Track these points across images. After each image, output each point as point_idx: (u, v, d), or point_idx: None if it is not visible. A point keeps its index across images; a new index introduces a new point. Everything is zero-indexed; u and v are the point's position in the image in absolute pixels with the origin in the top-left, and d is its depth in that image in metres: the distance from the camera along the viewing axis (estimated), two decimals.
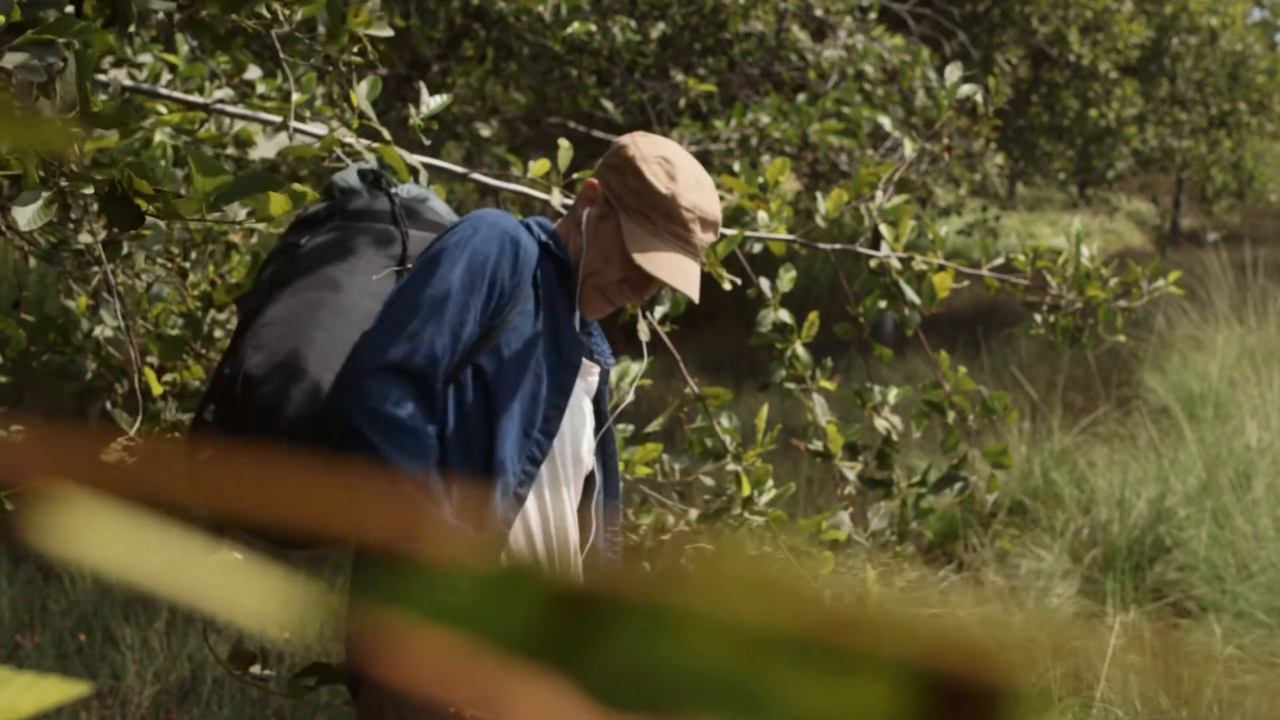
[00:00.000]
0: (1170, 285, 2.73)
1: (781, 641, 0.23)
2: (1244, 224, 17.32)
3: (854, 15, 6.41)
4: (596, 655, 0.24)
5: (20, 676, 0.36)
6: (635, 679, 0.24)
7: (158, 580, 1.02)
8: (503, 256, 1.63)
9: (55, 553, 0.29)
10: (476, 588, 0.25)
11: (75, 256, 2.37)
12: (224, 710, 3.56)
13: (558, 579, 0.24)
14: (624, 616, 0.24)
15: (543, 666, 0.24)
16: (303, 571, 2.34)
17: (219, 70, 2.74)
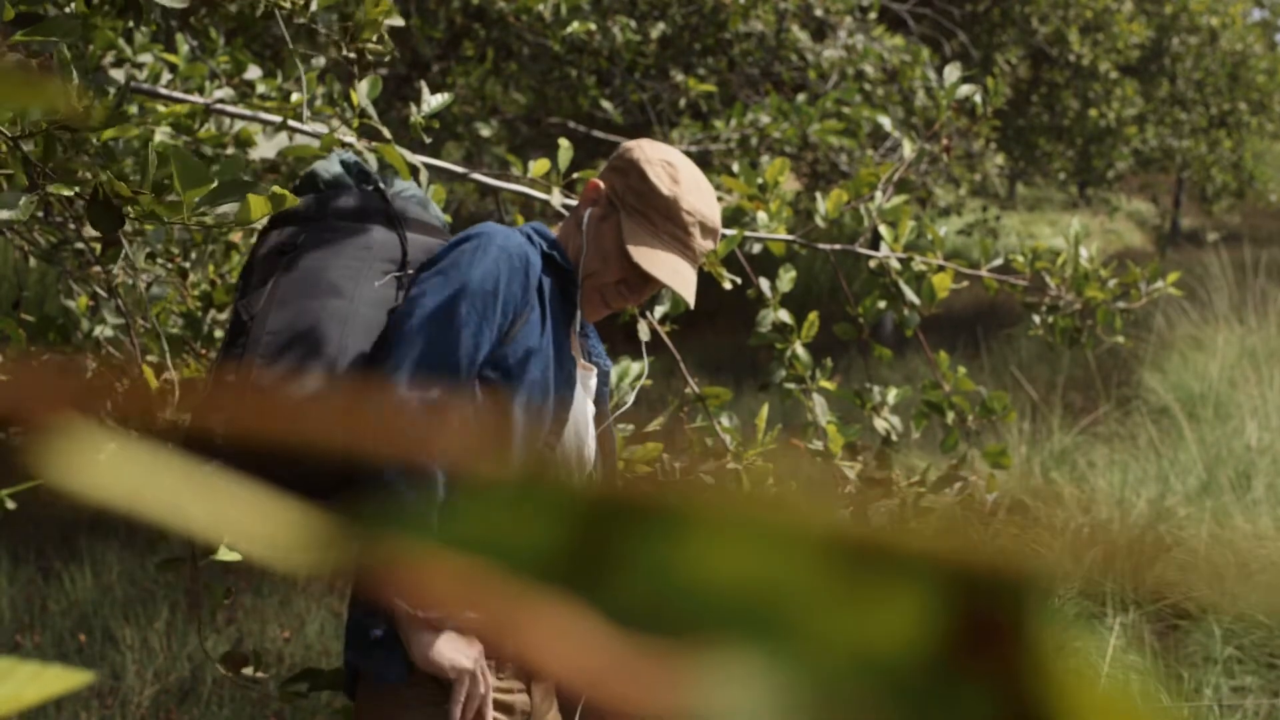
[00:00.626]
0: (1169, 286, 2.73)
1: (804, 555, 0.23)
2: (1244, 224, 17.32)
3: (854, 15, 6.41)
4: (615, 577, 0.24)
5: (24, 666, 0.36)
6: (655, 601, 0.24)
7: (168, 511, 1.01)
8: (514, 277, 1.63)
9: (64, 486, 0.29)
10: (490, 512, 0.24)
11: (75, 256, 2.37)
12: (224, 710, 3.56)
13: (572, 493, 0.24)
14: (642, 533, 0.24)
15: (558, 590, 0.24)
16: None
17: (219, 70, 2.74)
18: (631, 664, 0.24)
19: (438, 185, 2.26)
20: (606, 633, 0.24)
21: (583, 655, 0.24)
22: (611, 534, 0.24)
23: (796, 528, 0.23)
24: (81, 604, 4.22)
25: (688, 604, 0.23)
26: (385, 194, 1.77)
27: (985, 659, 0.23)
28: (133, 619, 4.08)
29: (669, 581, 0.24)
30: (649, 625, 0.24)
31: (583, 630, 0.24)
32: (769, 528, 0.23)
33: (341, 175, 1.77)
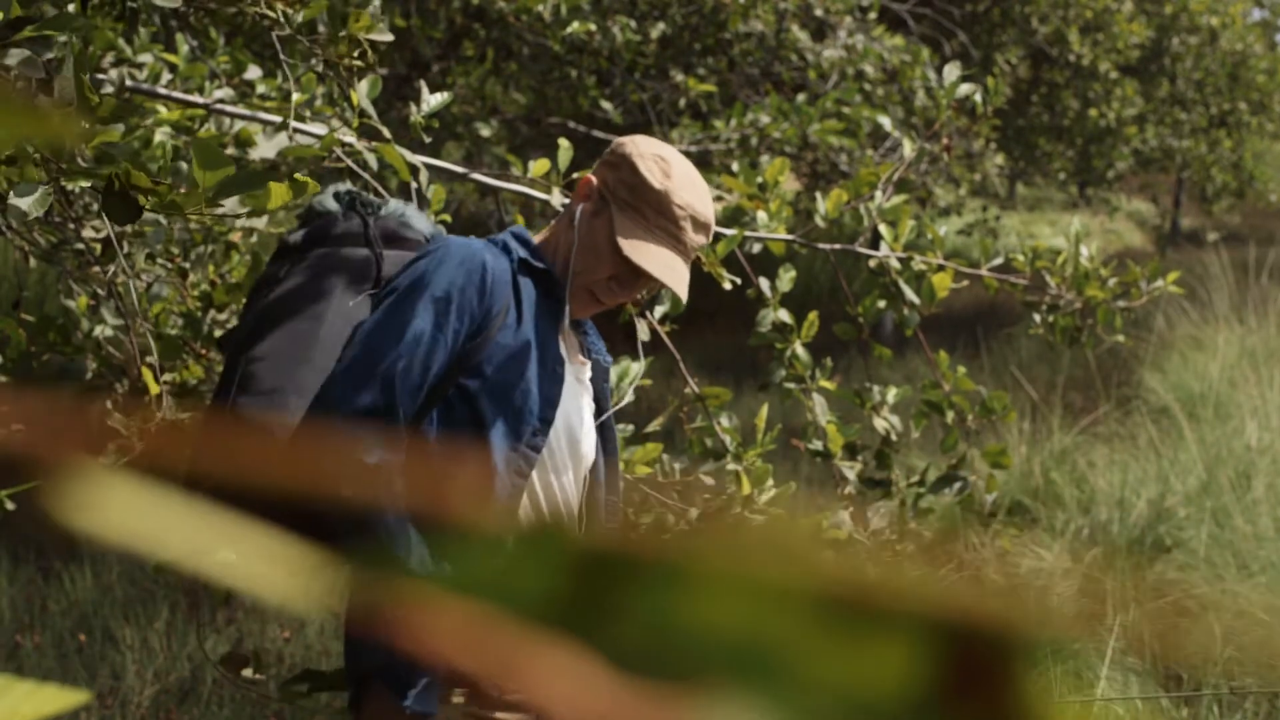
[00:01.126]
0: (1169, 285, 2.73)
1: (798, 604, 0.24)
2: (1244, 224, 17.33)
3: (854, 15, 6.41)
4: (615, 622, 0.24)
5: (21, 684, 0.36)
6: (654, 645, 0.24)
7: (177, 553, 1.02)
8: (469, 284, 1.63)
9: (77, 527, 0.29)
10: (493, 555, 0.25)
11: (75, 256, 2.37)
12: (224, 710, 3.56)
13: (575, 543, 0.24)
14: (642, 582, 0.24)
15: (561, 634, 0.24)
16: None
17: (219, 70, 2.74)
18: (630, 706, 0.24)
19: (438, 185, 2.26)
20: (606, 675, 0.24)
21: (583, 697, 0.24)
22: (611, 579, 0.24)
23: (790, 577, 0.24)
24: (81, 604, 4.22)
25: (685, 647, 0.24)
26: (366, 218, 1.78)
27: (972, 704, 0.23)
28: (133, 619, 4.08)
29: (667, 625, 0.24)
30: (647, 668, 0.24)
31: (583, 672, 0.24)
32: (763, 578, 0.24)
33: (332, 206, 1.79)
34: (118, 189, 1.41)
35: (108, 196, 1.42)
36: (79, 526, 0.29)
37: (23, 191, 1.41)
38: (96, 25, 1.82)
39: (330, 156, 2.09)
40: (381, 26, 2.07)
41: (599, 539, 0.25)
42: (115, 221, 1.46)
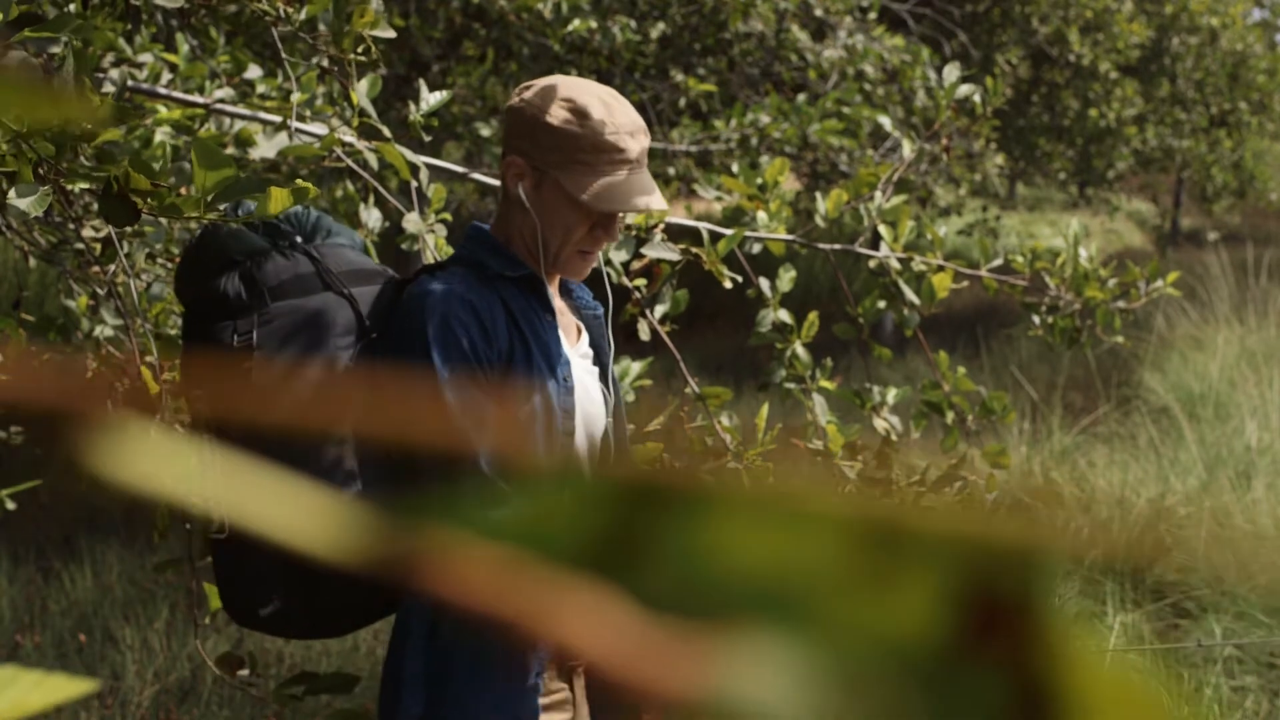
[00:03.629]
0: (1169, 286, 2.73)
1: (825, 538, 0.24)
2: (1244, 224, 17.33)
3: (854, 15, 6.41)
4: (645, 564, 0.24)
5: (26, 674, 0.36)
6: (684, 587, 0.24)
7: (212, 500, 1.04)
8: (468, 335, 1.59)
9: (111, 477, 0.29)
10: (521, 502, 0.25)
11: (75, 256, 2.37)
12: (224, 710, 3.56)
13: (601, 483, 0.24)
14: (669, 524, 0.24)
15: (591, 577, 0.24)
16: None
17: (219, 70, 2.74)
18: (661, 646, 0.24)
19: (438, 185, 2.26)
20: (637, 616, 0.24)
21: (614, 639, 0.24)
22: (640, 520, 0.24)
23: (817, 512, 0.24)
24: (81, 604, 4.22)
25: (715, 588, 0.24)
26: (314, 255, 1.66)
27: (997, 642, 0.23)
28: (133, 619, 4.08)
29: (697, 566, 0.24)
30: (678, 609, 0.24)
31: (614, 614, 0.24)
32: (791, 513, 0.24)
33: (261, 243, 1.65)
34: (116, 191, 1.41)
35: (106, 199, 1.42)
36: (117, 478, 0.29)
37: (23, 191, 1.41)
38: (97, 25, 1.82)
39: (330, 156, 2.09)
40: (384, 23, 2.07)
41: (624, 477, 0.25)
42: (114, 224, 1.46)
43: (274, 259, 1.63)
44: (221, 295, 1.61)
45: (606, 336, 1.83)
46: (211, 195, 1.42)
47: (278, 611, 1.60)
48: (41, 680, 0.36)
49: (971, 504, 2.27)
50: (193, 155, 1.38)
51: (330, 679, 1.86)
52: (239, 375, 1.58)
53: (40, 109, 0.30)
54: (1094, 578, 4.40)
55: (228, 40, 3.04)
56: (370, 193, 2.43)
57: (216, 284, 1.62)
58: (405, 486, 1.57)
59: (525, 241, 1.69)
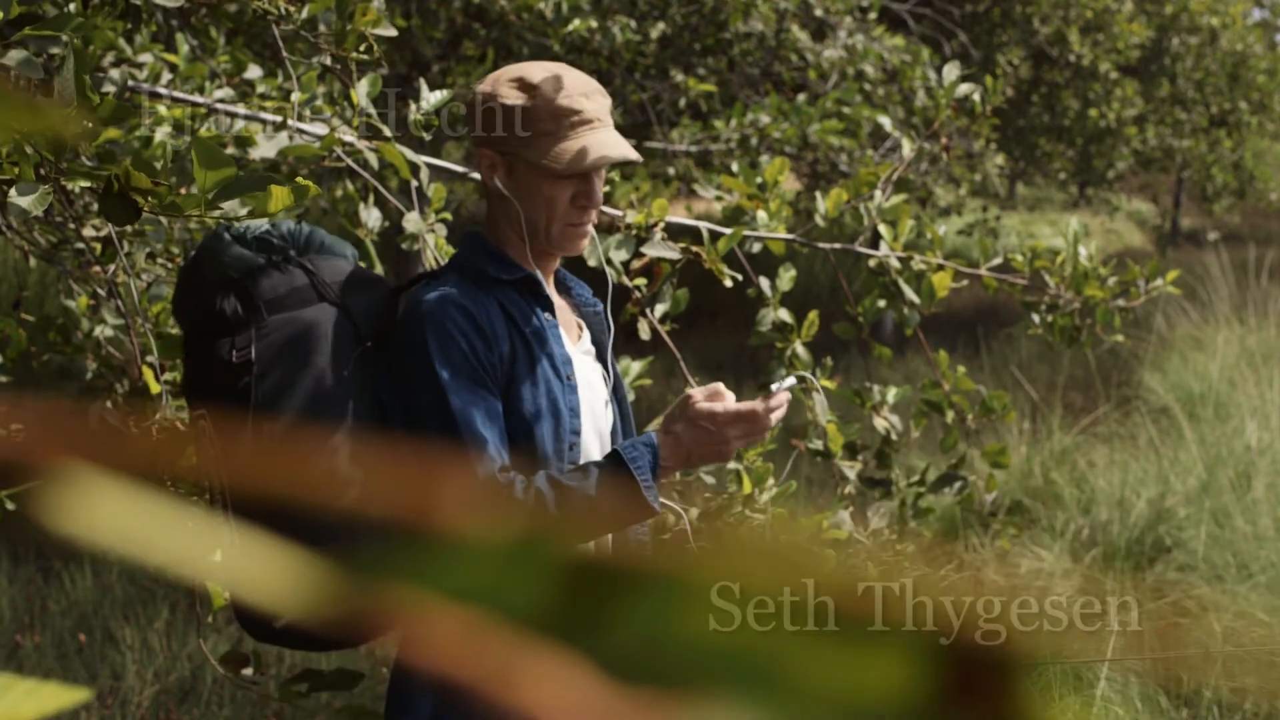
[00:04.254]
0: (1168, 285, 2.73)
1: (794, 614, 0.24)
2: (1244, 224, 17.33)
3: (854, 15, 6.41)
4: (609, 631, 0.24)
5: (22, 682, 0.36)
6: (648, 654, 0.24)
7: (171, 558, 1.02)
8: (467, 339, 1.59)
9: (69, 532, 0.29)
10: (489, 563, 0.25)
11: (75, 256, 2.37)
12: (224, 710, 3.56)
13: (569, 553, 0.24)
14: (636, 591, 0.24)
15: (555, 642, 0.24)
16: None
17: (219, 70, 2.74)
18: (625, 713, 0.24)
19: (438, 184, 2.26)
20: (600, 682, 0.24)
21: (577, 704, 0.24)
22: (604, 587, 0.24)
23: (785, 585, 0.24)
24: (81, 604, 4.22)
25: (679, 656, 0.24)
26: (307, 267, 1.65)
27: (973, 703, 0.23)
28: (133, 619, 4.08)
29: (661, 633, 0.24)
30: (641, 676, 0.24)
31: (577, 680, 0.24)
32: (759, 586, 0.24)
33: (257, 258, 1.64)
34: (117, 190, 1.41)
35: (106, 198, 1.41)
36: (72, 531, 0.29)
37: (23, 191, 1.41)
38: (97, 25, 1.82)
39: (330, 156, 2.09)
40: (385, 21, 2.07)
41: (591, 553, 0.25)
42: (114, 223, 1.46)
43: (269, 274, 1.63)
44: (219, 313, 1.61)
45: (607, 331, 1.83)
46: (212, 194, 1.42)
47: (292, 624, 1.59)
48: (36, 689, 0.36)
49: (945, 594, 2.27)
50: (193, 155, 1.38)
51: (333, 676, 1.86)
52: (251, 439, 1.57)
53: (37, 122, 0.30)
54: (1094, 577, 4.40)
55: (228, 40, 3.04)
56: (370, 192, 2.43)
57: (214, 302, 1.62)
58: (374, 543, 1.56)
59: (515, 232, 1.70)
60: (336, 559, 1.24)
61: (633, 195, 2.48)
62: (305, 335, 1.60)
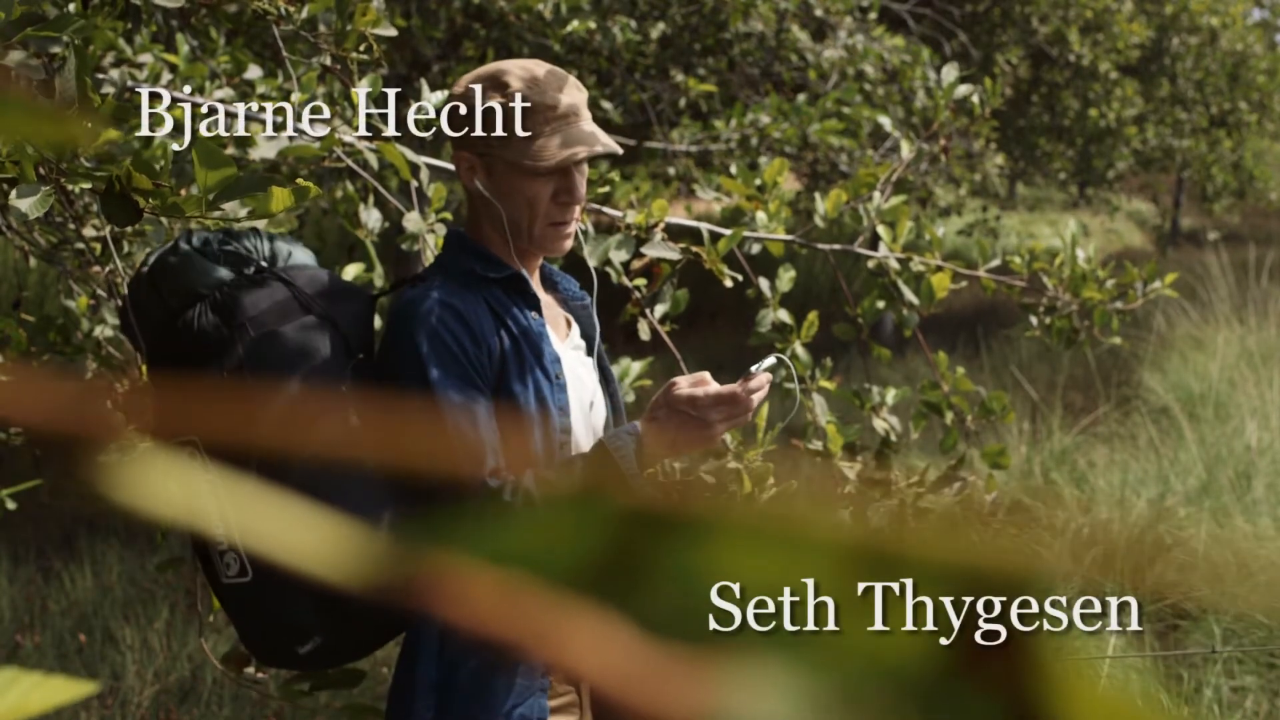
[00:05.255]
0: (1166, 287, 2.73)
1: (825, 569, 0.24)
2: (1244, 224, 17.33)
3: (854, 15, 6.41)
4: (644, 588, 0.24)
5: (27, 676, 0.36)
6: (683, 609, 0.24)
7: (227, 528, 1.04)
8: (457, 339, 1.59)
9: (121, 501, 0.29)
10: (527, 525, 0.25)
11: (75, 256, 2.37)
12: (224, 710, 3.56)
13: (604, 510, 0.24)
14: (670, 548, 0.24)
15: (593, 600, 0.24)
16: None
17: (219, 70, 2.74)
18: (661, 669, 0.24)
19: (438, 185, 2.26)
20: (637, 639, 0.24)
21: (615, 661, 0.24)
22: (641, 544, 0.24)
23: (815, 537, 0.24)
24: (81, 604, 4.22)
25: (715, 611, 0.24)
26: (285, 279, 1.62)
27: (993, 665, 0.23)
28: (133, 619, 4.08)
29: (697, 589, 0.24)
30: (678, 631, 0.24)
31: (615, 637, 0.24)
32: (790, 538, 0.24)
33: (225, 273, 1.61)
34: (118, 191, 1.41)
35: (107, 199, 1.42)
36: (122, 501, 0.30)
37: (24, 193, 1.41)
38: (97, 25, 1.82)
39: (330, 156, 2.09)
40: (385, 21, 2.07)
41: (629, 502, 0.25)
42: (115, 224, 1.45)
43: (247, 289, 1.60)
44: (195, 330, 1.57)
45: (594, 324, 1.82)
46: (213, 195, 1.42)
47: (318, 648, 1.58)
48: (41, 682, 0.36)
49: (965, 519, 2.28)
50: (194, 155, 1.38)
51: (335, 675, 1.86)
52: (240, 403, 1.56)
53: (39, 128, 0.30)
54: (1094, 578, 4.40)
55: (228, 40, 3.04)
56: (370, 193, 2.43)
57: (184, 318, 1.58)
58: (411, 509, 1.57)
59: (498, 233, 1.69)
60: (378, 526, 1.24)
61: (632, 195, 2.48)
62: (299, 350, 1.58)
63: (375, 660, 3.84)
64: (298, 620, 1.56)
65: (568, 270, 1.91)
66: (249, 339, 1.56)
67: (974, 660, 0.24)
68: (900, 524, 2.41)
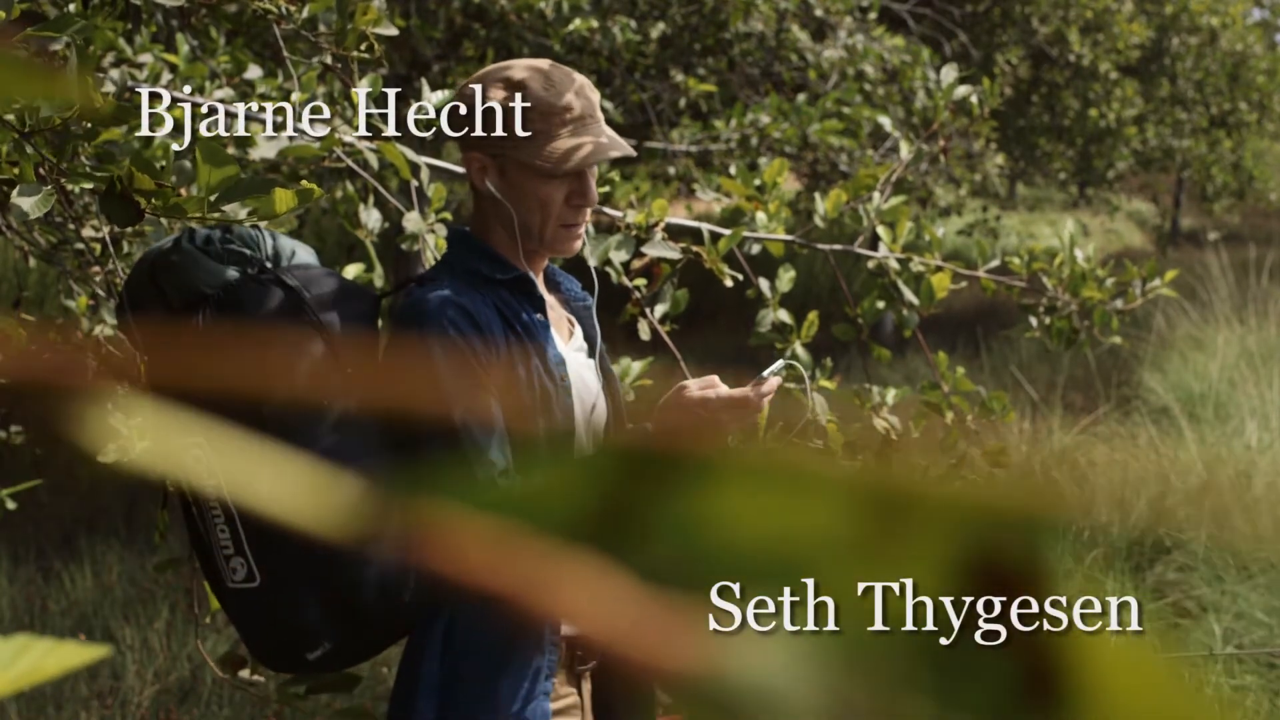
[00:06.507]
0: (1165, 286, 2.73)
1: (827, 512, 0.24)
2: (1244, 224, 17.33)
3: (854, 15, 6.41)
4: (644, 538, 0.24)
5: (41, 641, 0.37)
6: (682, 559, 0.24)
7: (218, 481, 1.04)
8: (463, 336, 1.58)
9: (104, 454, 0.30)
10: (521, 475, 0.25)
11: (75, 256, 2.37)
12: (224, 710, 3.56)
13: (600, 456, 0.24)
14: (668, 496, 0.24)
15: (589, 550, 0.24)
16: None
17: (219, 70, 2.74)
18: (660, 620, 0.24)
19: (438, 185, 2.26)
20: (636, 590, 0.24)
21: (613, 612, 0.24)
22: (639, 492, 0.24)
23: (819, 480, 0.24)
24: (81, 604, 4.22)
25: (715, 560, 0.24)
26: (288, 282, 1.59)
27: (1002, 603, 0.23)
28: (133, 619, 4.08)
29: (697, 538, 0.24)
30: (677, 581, 0.24)
31: (613, 587, 0.24)
32: (793, 481, 0.24)
33: (232, 274, 1.59)
34: (119, 191, 1.41)
35: (107, 199, 1.41)
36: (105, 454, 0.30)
37: (24, 192, 1.41)
38: (97, 25, 1.82)
39: (331, 156, 2.09)
40: (386, 21, 2.07)
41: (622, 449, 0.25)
42: (116, 224, 1.45)
43: (250, 290, 1.58)
44: (200, 332, 1.56)
45: (595, 326, 1.81)
46: (214, 196, 1.42)
47: (328, 653, 1.57)
48: (55, 648, 0.37)
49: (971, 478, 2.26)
50: (196, 155, 1.38)
51: (333, 678, 1.86)
52: (229, 352, 1.54)
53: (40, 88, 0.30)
54: (1094, 577, 4.40)
55: (228, 40, 3.04)
56: (370, 193, 2.43)
57: (189, 320, 1.56)
58: (405, 460, 1.56)
59: (507, 234, 1.68)
60: (371, 477, 1.24)
61: (632, 195, 2.48)
62: (289, 364, 1.57)
63: (375, 661, 3.84)
64: (307, 625, 1.55)
65: (567, 270, 1.91)
66: (249, 344, 1.56)
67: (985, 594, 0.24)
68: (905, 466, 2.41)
